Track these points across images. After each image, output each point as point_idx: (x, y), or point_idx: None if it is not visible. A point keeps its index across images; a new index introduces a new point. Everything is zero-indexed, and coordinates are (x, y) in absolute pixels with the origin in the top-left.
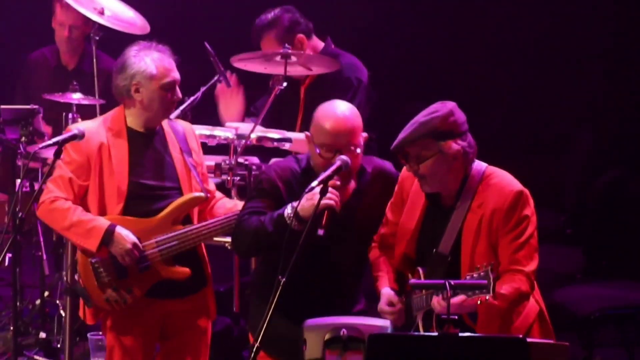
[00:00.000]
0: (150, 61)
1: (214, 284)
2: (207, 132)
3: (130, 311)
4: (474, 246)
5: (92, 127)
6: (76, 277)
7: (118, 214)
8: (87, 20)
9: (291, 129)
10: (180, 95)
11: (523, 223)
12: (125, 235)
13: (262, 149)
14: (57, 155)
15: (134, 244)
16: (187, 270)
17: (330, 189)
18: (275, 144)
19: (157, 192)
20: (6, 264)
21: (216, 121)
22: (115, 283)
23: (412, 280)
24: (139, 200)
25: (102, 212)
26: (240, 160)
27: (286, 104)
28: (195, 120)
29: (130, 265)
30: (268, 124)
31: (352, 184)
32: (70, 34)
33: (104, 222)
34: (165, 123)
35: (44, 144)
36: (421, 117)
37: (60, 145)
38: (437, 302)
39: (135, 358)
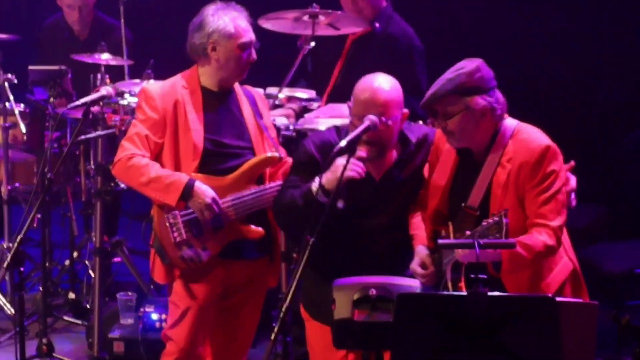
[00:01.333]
0: (228, 20)
1: None
2: None
3: (203, 271)
4: (502, 200)
5: (167, 85)
6: (153, 233)
7: (193, 171)
8: None
9: (327, 78)
10: (255, 56)
11: (550, 178)
12: (205, 189)
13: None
14: (85, 116)
15: (213, 199)
16: (260, 230)
17: (353, 159)
18: (304, 103)
19: (232, 150)
20: (35, 224)
21: (244, 81)
22: (191, 240)
23: (441, 241)
24: (214, 158)
25: (177, 169)
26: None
27: (328, 51)
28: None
29: (206, 222)
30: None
31: (394, 155)
32: (82, 14)
33: (183, 177)
34: (237, 86)
35: (72, 104)
36: (448, 73)
37: (88, 106)
38: (460, 250)
39: (201, 318)
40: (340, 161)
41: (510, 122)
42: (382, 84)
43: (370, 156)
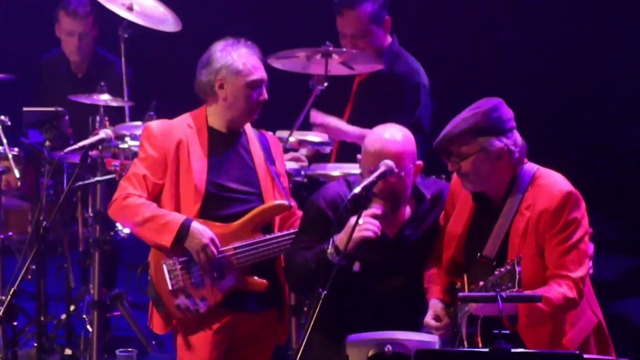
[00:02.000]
0: (237, 56)
1: None
2: None
3: (202, 321)
4: (520, 250)
5: (172, 123)
6: (149, 279)
7: (194, 215)
8: (95, 21)
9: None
10: (266, 96)
11: (571, 226)
12: (203, 229)
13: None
14: (83, 160)
15: (212, 240)
16: (264, 282)
17: (367, 217)
18: (315, 147)
19: (237, 195)
20: (29, 276)
21: (253, 124)
22: (188, 289)
23: (461, 294)
24: (217, 202)
25: (178, 212)
26: None
27: (335, 95)
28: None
29: (205, 271)
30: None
31: (408, 211)
32: (81, 42)
33: (179, 216)
34: (249, 129)
35: (69, 148)
36: (464, 113)
37: (86, 150)
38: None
39: None
40: (354, 220)
41: (529, 167)
42: (394, 134)
43: (384, 212)
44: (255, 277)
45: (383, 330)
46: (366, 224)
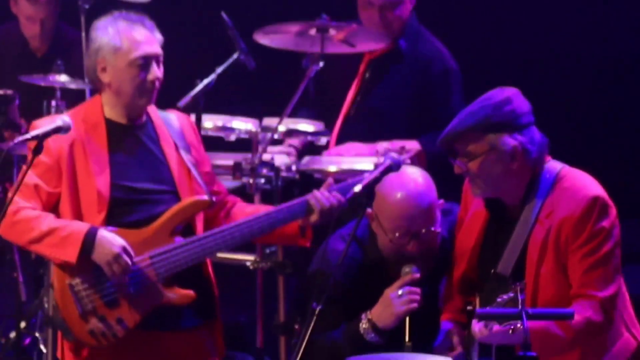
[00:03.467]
0: (113, 32)
1: (232, 313)
2: (223, 124)
3: (121, 347)
4: (538, 265)
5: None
6: (52, 303)
7: (100, 224)
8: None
9: (336, 107)
10: (158, 74)
11: (598, 237)
12: (111, 237)
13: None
14: (37, 152)
15: (123, 248)
16: (190, 293)
17: (406, 287)
18: (310, 138)
19: (148, 196)
20: None
21: (234, 110)
22: (101, 310)
23: (480, 310)
24: (126, 207)
25: None
26: (266, 158)
27: (338, 73)
28: (209, 109)
29: (120, 281)
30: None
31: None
32: (43, 28)
33: (83, 226)
34: (155, 114)
35: (19, 138)
36: (473, 105)
37: (40, 139)
38: (478, 329)
39: None
40: (393, 294)
41: (552, 166)
42: (420, 186)
43: (421, 273)
44: (178, 289)
45: None
46: (407, 295)
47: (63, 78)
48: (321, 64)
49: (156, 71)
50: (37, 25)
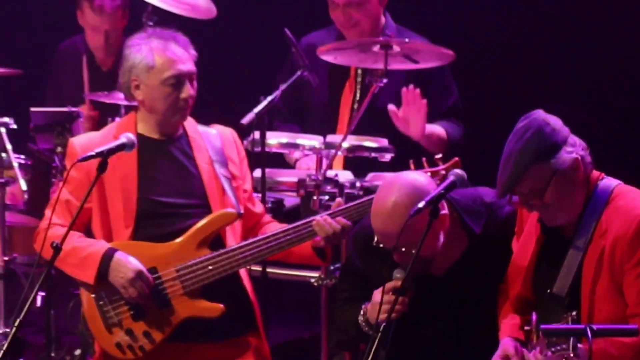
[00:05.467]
0: (147, 50)
1: (297, 330)
2: (288, 141)
3: (151, 359)
4: (593, 285)
5: (95, 137)
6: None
7: (127, 239)
8: (124, 13)
9: (329, 116)
10: (192, 92)
11: None
12: (127, 261)
13: (357, 162)
14: (102, 169)
15: (138, 273)
16: (219, 306)
17: (377, 299)
18: (373, 154)
19: (177, 210)
20: (38, 304)
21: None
22: (127, 323)
23: (544, 326)
24: (154, 221)
25: (109, 238)
26: (329, 175)
27: (327, 79)
28: (273, 127)
29: (142, 300)
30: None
31: (462, 245)
32: (107, 39)
33: (100, 247)
34: (193, 128)
35: (84, 155)
36: (513, 146)
37: (105, 157)
38: (533, 356)
39: None
40: (376, 299)
41: (607, 184)
42: (393, 209)
43: (415, 274)
44: (205, 302)
45: None
46: (386, 305)
47: None
48: (385, 80)
49: (189, 89)
50: (101, 37)
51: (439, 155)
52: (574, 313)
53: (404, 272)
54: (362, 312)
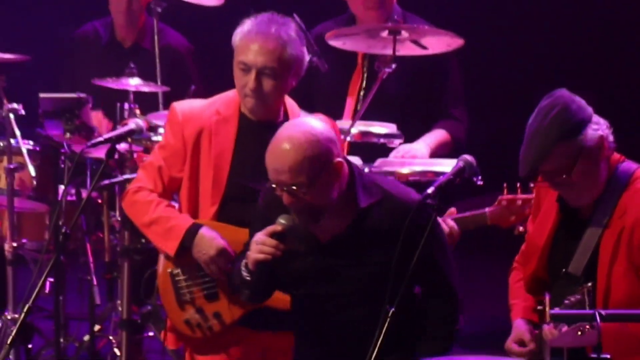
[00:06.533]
0: (241, 30)
1: None
2: None
3: (218, 341)
4: (610, 266)
5: (196, 107)
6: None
7: (211, 218)
8: None
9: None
10: (251, 85)
11: None
12: (212, 237)
13: (366, 147)
14: (110, 155)
15: (222, 251)
16: (288, 298)
17: (260, 236)
18: (382, 140)
19: None
20: (47, 290)
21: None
22: (199, 302)
23: (553, 311)
24: (240, 205)
25: (194, 214)
26: None
27: (334, 79)
28: None
29: (222, 277)
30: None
31: (349, 214)
32: (130, 4)
33: (186, 221)
34: (295, 115)
35: (92, 141)
36: (539, 123)
37: (114, 143)
38: (548, 330)
39: None
40: (254, 239)
41: (627, 167)
42: (291, 142)
43: (302, 223)
44: (280, 293)
45: (333, 354)
46: (260, 245)
47: (135, 81)
48: (394, 65)
49: (251, 81)
50: (123, 10)
51: (534, 184)
52: (589, 284)
53: (289, 219)
54: (244, 261)
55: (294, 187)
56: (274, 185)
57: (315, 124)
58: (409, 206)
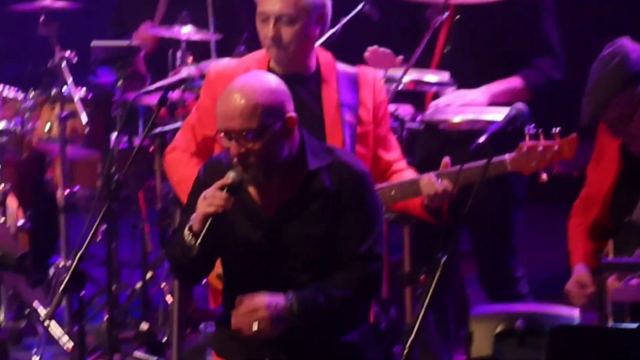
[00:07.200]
0: None
1: None
2: None
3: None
4: None
5: (229, 66)
6: None
7: None
8: None
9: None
10: (270, 33)
11: None
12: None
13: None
14: (162, 103)
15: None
16: None
17: (209, 191)
18: (435, 88)
19: None
20: (99, 238)
21: (359, 60)
22: None
23: (605, 259)
24: None
25: None
26: (390, 108)
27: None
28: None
29: None
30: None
31: (294, 182)
32: None
33: None
34: (328, 67)
35: (145, 89)
36: (600, 72)
37: (166, 91)
38: (610, 281)
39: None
40: (207, 191)
41: None
42: (247, 84)
43: (248, 179)
44: None
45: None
46: (210, 198)
47: (187, 29)
48: (446, 13)
49: (269, 30)
50: None
51: (557, 130)
52: None
53: (239, 173)
54: (188, 225)
55: (244, 133)
56: (221, 134)
57: (271, 77)
58: (356, 174)
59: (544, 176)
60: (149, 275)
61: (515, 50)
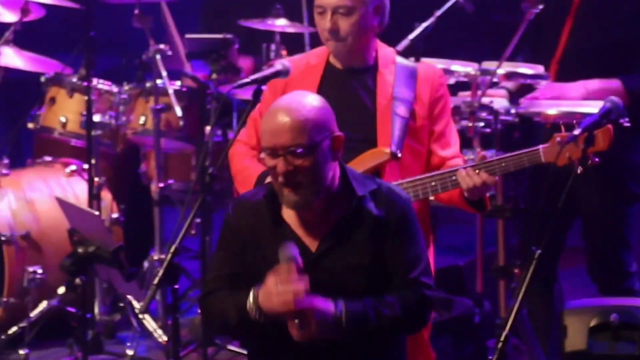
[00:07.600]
0: None
1: (452, 258)
2: (442, 68)
3: None
4: None
5: (293, 60)
6: None
7: None
8: None
9: (552, 45)
10: (326, 25)
11: None
12: None
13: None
14: (256, 96)
15: None
16: None
17: (275, 289)
18: (529, 81)
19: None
20: (193, 231)
21: (453, 53)
22: None
23: None
24: None
25: None
26: (485, 100)
27: (552, 10)
28: (428, 53)
29: None
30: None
31: (335, 213)
32: None
33: (258, 168)
34: (387, 61)
35: (239, 82)
36: None
37: (259, 83)
38: None
39: None
40: (272, 286)
41: None
42: (294, 102)
43: (294, 204)
44: None
45: None
46: (282, 296)
47: (281, 21)
48: (540, 6)
49: (326, 22)
50: None
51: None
52: None
53: (288, 250)
54: (251, 296)
55: (293, 149)
56: (266, 153)
57: (316, 96)
58: (402, 200)
59: (581, 168)
60: None
61: (626, 55)
